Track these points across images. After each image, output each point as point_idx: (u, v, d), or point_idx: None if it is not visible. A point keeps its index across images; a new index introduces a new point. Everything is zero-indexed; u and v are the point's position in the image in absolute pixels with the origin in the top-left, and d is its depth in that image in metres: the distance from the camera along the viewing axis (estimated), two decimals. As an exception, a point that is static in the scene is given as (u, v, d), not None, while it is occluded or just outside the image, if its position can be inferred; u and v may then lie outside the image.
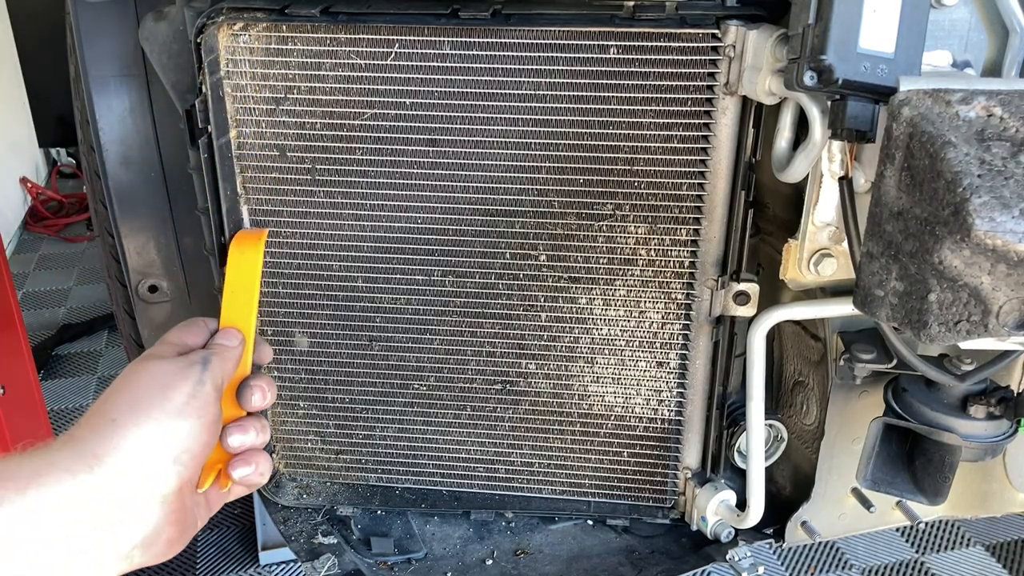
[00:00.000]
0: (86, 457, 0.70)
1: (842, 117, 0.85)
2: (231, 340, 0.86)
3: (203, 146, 1.12)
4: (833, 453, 1.23)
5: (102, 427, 0.72)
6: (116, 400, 0.75)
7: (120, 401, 0.75)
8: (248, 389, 0.88)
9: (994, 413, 1.06)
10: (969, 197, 0.70)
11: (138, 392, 0.76)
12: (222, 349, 0.84)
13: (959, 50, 1.02)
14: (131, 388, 0.76)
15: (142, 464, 0.72)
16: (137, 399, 0.75)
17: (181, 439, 0.75)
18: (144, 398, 0.75)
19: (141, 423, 0.73)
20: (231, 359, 0.85)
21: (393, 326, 1.23)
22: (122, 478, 0.70)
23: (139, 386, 0.76)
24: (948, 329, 0.76)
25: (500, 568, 1.30)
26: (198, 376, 0.78)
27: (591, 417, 1.27)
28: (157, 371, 0.78)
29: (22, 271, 3.45)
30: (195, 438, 0.76)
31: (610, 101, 1.06)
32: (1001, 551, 1.91)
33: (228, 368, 0.84)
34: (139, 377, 0.77)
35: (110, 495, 0.70)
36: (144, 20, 1.15)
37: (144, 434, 0.73)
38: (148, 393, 0.75)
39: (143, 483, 0.72)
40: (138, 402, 0.75)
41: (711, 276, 1.14)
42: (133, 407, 0.74)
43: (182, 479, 0.74)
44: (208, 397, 0.78)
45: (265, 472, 0.87)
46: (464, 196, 1.13)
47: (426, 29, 1.04)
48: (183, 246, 1.33)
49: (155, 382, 0.76)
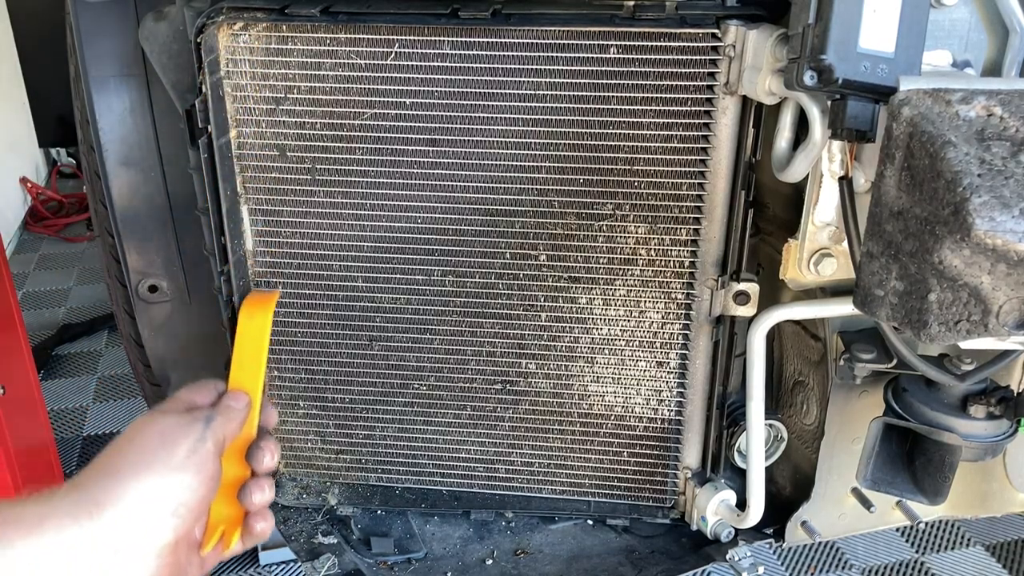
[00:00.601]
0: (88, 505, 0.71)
1: (842, 117, 0.85)
2: (237, 402, 0.89)
3: (203, 146, 1.12)
4: (833, 453, 1.23)
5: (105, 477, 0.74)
6: (120, 451, 0.77)
7: (124, 452, 0.77)
8: (259, 451, 0.90)
9: (994, 413, 1.06)
10: (969, 197, 0.70)
11: (142, 444, 0.78)
12: (227, 409, 0.87)
13: (959, 50, 1.02)
14: (135, 441, 0.78)
15: (141, 515, 0.74)
16: (140, 451, 0.77)
17: (180, 493, 0.76)
18: (147, 451, 0.77)
19: (142, 475, 0.75)
20: (235, 419, 0.87)
21: (393, 326, 1.23)
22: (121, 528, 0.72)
23: (143, 439, 0.78)
24: (948, 329, 0.76)
25: (500, 568, 1.30)
26: (200, 433, 0.80)
27: (591, 417, 1.27)
28: (161, 425, 0.80)
29: (22, 271, 3.45)
30: (193, 492, 0.77)
31: (610, 101, 1.06)
32: (1001, 551, 1.91)
33: (231, 427, 0.86)
34: (144, 430, 0.79)
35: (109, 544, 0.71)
36: (144, 20, 1.15)
37: (145, 486, 0.74)
38: (151, 446, 0.78)
39: (141, 534, 0.74)
40: (141, 454, 0.77)
41: (711, 276, 1.14)
42: (136, 459, 0.76)
43: (178, 533, 0.76)
44: (208, 453, 0.80)
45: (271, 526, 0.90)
46: (464, 196, 1.13)
47: (426, 29, 1.04)
48: (183, 246, 1.32)
49: (158, 436, 0.79)
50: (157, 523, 0.75)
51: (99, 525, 0.71)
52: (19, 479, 1.64)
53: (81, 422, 2.41)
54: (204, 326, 1.36)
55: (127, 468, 0.75)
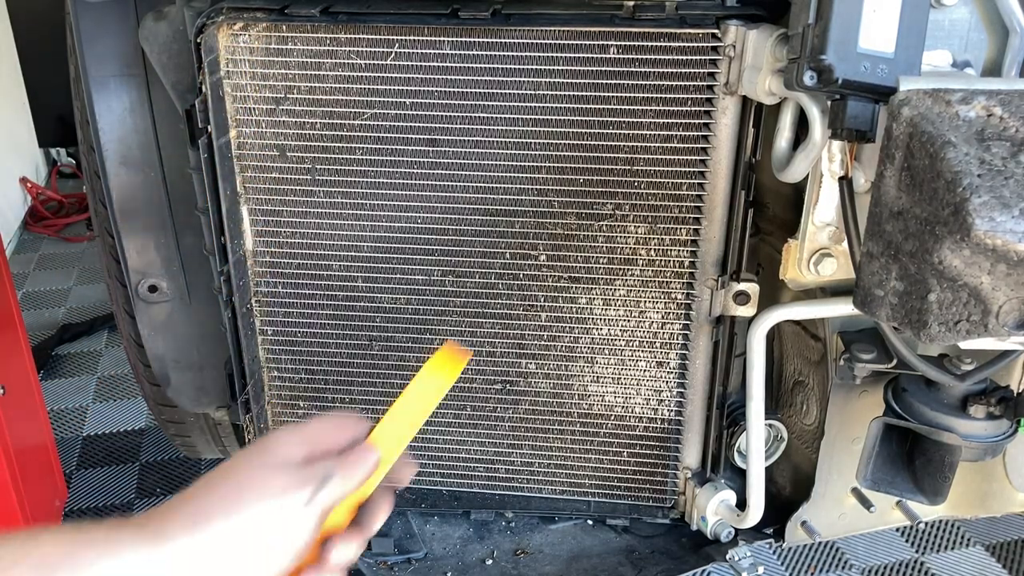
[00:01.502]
0: (159, 535, 0.67)
1: (842, 117, 0.85)
2: (366, 461, 0.79)
3: (203, 146, 1.12)
4: (833, 453, 1.23)
5: (193, 522, 0.69)
6: (214, 487, 0.71)
7: (217, 489, 0.71)
8: (370, 512, 0.82)
9: (994, 413, 1.06)
10: (969, 197, 0.70)
11: (238, 486, 0.71)
12: (351, 467, 0.77)
13: (959, 50, 1.02)
14: (232, 479, 0.72)
15: (210, 565, 0.69)
16: (234, 496, 0.71)
17: (261, 554, 0.71)
18: (241, 498, 0.71)
19: (224, 520, 0.69)
20: (356, 480, 0.77)
21: (393, 326, 1.23)
22: (186, 567, 0.67)
23: (242, 481, 0.72)
24: (948, 329, 0.76)
25: (500, 568, 1.30)
26: (307, 497, 0.73)
27: (591, 417, 1.27)
28: (269, 473, 0.73)
29: (22, 271, 3.44)
30: (275, 556, 0.72)
31: (610, 101, 1.06)
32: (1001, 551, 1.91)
33: (348, 489, 0.77)
34: (248, 471, 0.73)
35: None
36: (144, 20, 1.15)
37: (224, 539, 0.69)
38: (248, 493, 0.71)
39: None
40: (233, 501, 0.71)
41: (711, 276, 1.14)
42: (225, 502, 0.70)
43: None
44: (307, 525, 0.73)
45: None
46: (464, 196, 1.13)
47: (426, 29, 1.04)
48: (183, 246, 1.32)
49: (260, 485, 0.72)
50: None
51: (167, 555, 0.66)
52: (19, 479, 1.64)
53: (81, 422, 2.41)
54: (204, 326, 1.36)
55: (214, 509, 0.69)
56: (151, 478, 2.10)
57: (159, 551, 0.66)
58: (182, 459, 2.12)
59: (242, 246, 1.19)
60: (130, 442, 2.27)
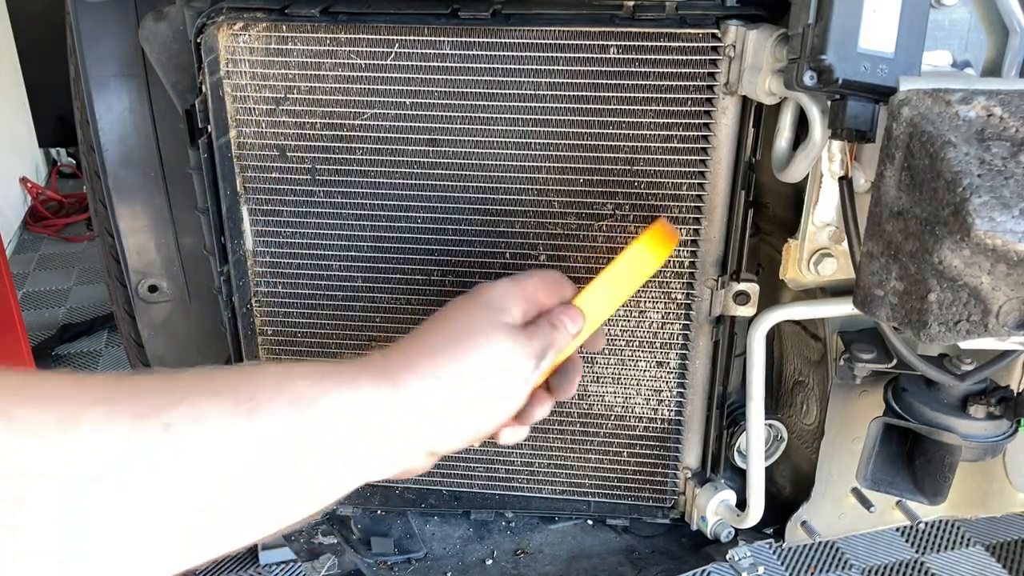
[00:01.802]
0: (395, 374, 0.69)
1: (842, 117, 0.85)
2: (573, 326, 0.80)
3: (203, 146, 1.12)
4: (833, 453, 1.23)
5: (425, 367, 0.70)
6: (444, 355, 0.72)
7: (451, 350, 0.72)
8: (565, 376, 0.83)
9: (994, 413, 1.06)
10: (969, 197, 0.70)
11: (468, 354, 0.73)
12: (561, 336, 0.79)
13: (959, 50, 1.02)
14: (468, 342, 0.73)
15: (434, 429, 0.71)
16: (465, 359, 0.72)
17: (480, 422, 0.74)
18: (473, 361, 0.72)
19: (458, 384, 0.71)
20: (563, 347, 0.80)
21: (393, 326, 1.23)
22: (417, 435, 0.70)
23: (474, 345, 0.73)
24: (948, 329, 0.76)
25: (500, 568, 1.30)
26: (529, 373, 0.75)
27: (591, 417, 1.27)
28: (500, 338, 0.74)
29: (22, 271, 3.44)
30: (492, 423, 0.75)
31: (610, 101, 1.06)
32: (1001, 551, 1.91)
33: (555, 357, 0.79)
34: (479, 336, 0.74)
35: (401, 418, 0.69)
36: (144, 20, 1.15)
37: (453, 395, 0.71)
38: (478, 360, 0.73)
39: (426, 436, 0.71)
40: (465, 362, 0.72)
41: (711, 276, 1.14)
42: (458, 362, 0.72)
43: (455, 448, 0.74)
44: (525, 392, 0.76)
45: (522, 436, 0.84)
46: (464, 196, 1.13)
47: (426, 29, 1.04)
48: (183, 246, 1.32)
49: (490, 354, 0.73)
50: (444, 436, 0.72)
51: (399, 396, 0.69)
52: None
53: (81, 422, 2.41)
54: (204, 326, 1.36)
55: (443, 359, 0.71)
56: (151, 478, 2.10)
57: (391, 391, 0.68)
58: (182, 459, 2.11)
59: (242, 246, 1.19)
60: (130, 442, 2.26)
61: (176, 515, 0.57)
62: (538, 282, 0.81)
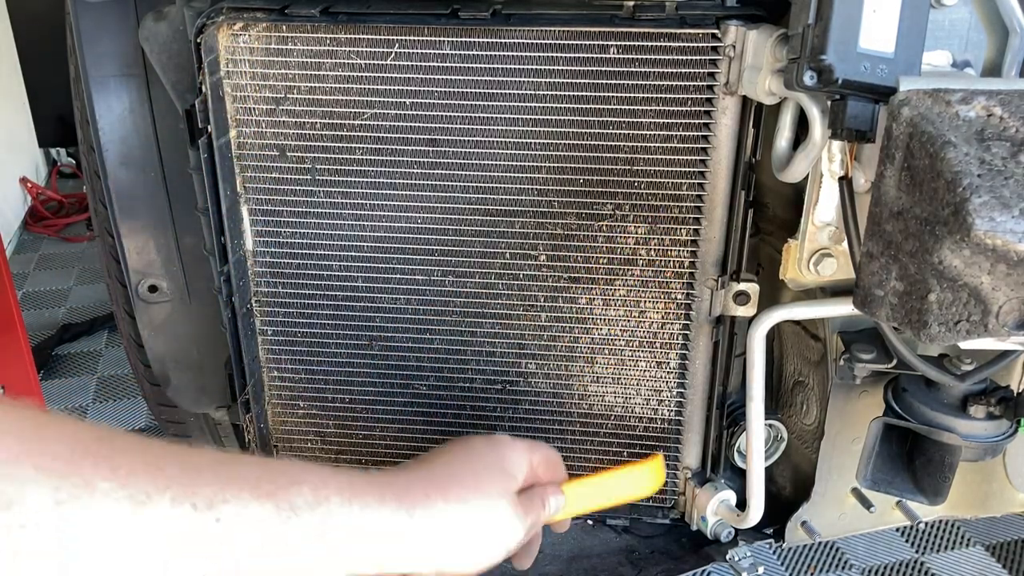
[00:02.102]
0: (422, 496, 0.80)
1: (842, 117, 0.85)
2: (555, 510, 0.93)
3: (203, 146, 1.12)
4: (833, 453, 1.23)
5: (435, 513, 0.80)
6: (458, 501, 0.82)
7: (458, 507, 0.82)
8: (528, 554, 0.98)
9: (994, 413, 1.06)
10: (969, 197, 0.70)
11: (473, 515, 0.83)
12: (546, 515, 0.92)
13: (959, 50, 1.02)
14: (474, 503, 0.83)
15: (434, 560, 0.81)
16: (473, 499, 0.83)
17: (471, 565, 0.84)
18: (479, 503, 0.83)
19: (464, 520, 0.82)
20: (544, 518, 0.93)
21: (393, 326, 1.23)
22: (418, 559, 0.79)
23: (482, 489, 0.84)
24: (948, 329, 0.76)
25: (500, 568, 1.30)
26: (535, 519, 0.88)
27: (591, 417, 1.27)
28: (501, 512, 0.85)
29: (22, 271, 3.45)
30: (476, 567, 0.85)
31: (610, 101, 1.06)
32: (1001, 551, 1.91)
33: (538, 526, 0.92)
34: (488, 482, 0.85)
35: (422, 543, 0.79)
36: (144, 20, 1.15)
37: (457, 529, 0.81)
38: (483, 503, 0.84)
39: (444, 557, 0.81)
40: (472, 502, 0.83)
41: (711, 276, 1.14)
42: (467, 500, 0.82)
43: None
44: (521, 537, 0.87)
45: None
46: (464, 196, 1.13)
47: (426, 29, 1.04)
48: (183, 246, 1.32)
49: (496, 498, 0.85)
50: (444, 564, 0.81)
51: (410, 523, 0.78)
52: (19, 479, 1.63)
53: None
54: (204, 326, 1.36)
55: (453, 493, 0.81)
56: (151, 478, 2.09)
57: (408, 518, 0.77)
58: (182, 459, 2.11)
59: (242, 246, 1.19)
60: (130, 442, 2.26)
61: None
62: (543, 459, 0.94)
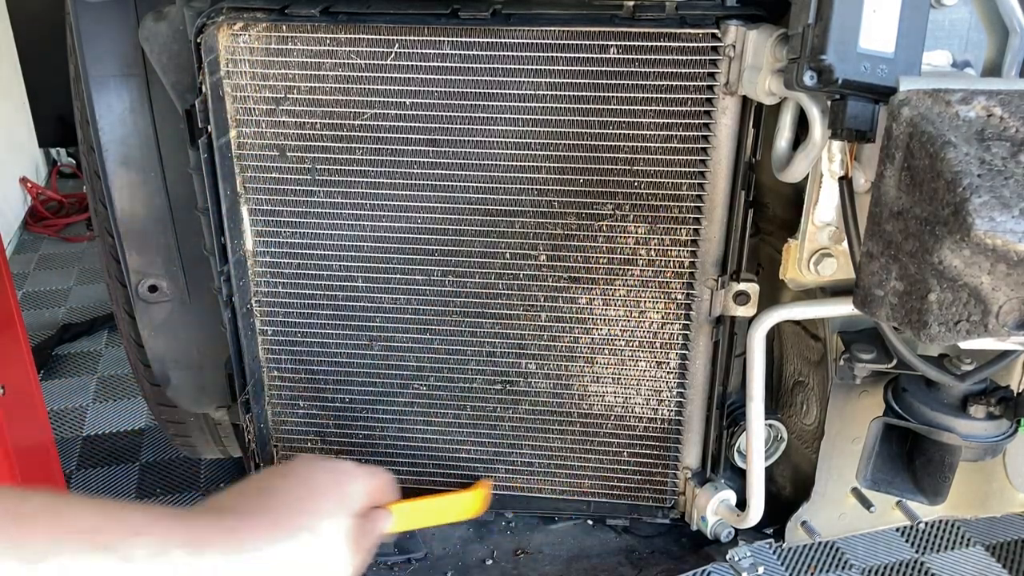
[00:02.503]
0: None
1: (842, 117, 0.85)
2: (383, 523, 0.96)
3: (203, 146, 1.12)
4: (833, 453, 1.23)
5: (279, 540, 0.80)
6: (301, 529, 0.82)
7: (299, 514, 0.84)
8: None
9: (994, 413, 1.06)
10: (969, 197, 0.70)
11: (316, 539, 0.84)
12: (378, 533, 0.95)
13: (959, 50, 1.02)
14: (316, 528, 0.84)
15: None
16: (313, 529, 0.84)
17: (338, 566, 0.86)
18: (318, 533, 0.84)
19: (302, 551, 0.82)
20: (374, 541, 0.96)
21: (393, 326, 1.23)
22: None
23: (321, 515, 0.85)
24: (948, 329, 0.76)
25: (500, 568, 1.30)
26: (355, 561, 0.89)
27: (591, 417, 1.27)
28: (341, 535, 0.87)
29: (22, 271, 3.44)
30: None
31: (610, 101, 1.06)
32: (1001, 551, 1.91)
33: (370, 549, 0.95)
34: (327, 509, 0.86)
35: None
36: (144, 20, 1.15)
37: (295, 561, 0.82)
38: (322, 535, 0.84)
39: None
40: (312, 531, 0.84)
41: (711, 276, 1.14)
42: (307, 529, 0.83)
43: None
44: (367, 556, 0.90)
45: None
46: (464, 196, 1.13)
47: (426, 29, 1.04)
48: (183, 246, 1.32)
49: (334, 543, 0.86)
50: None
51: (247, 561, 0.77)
52: (19, 479, 1.64)
53: (81, 422, 2.41)
54: (204, 326, 1.36)
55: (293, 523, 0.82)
56: (151, 478, 2.10)
57: (248, 559, 0.76)
58: (182, 459, 2.11)
59: (242, 246, 1.19)
60: (130, 442, 2.26)
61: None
62: (380, 485, 0.96)
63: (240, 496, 0.85)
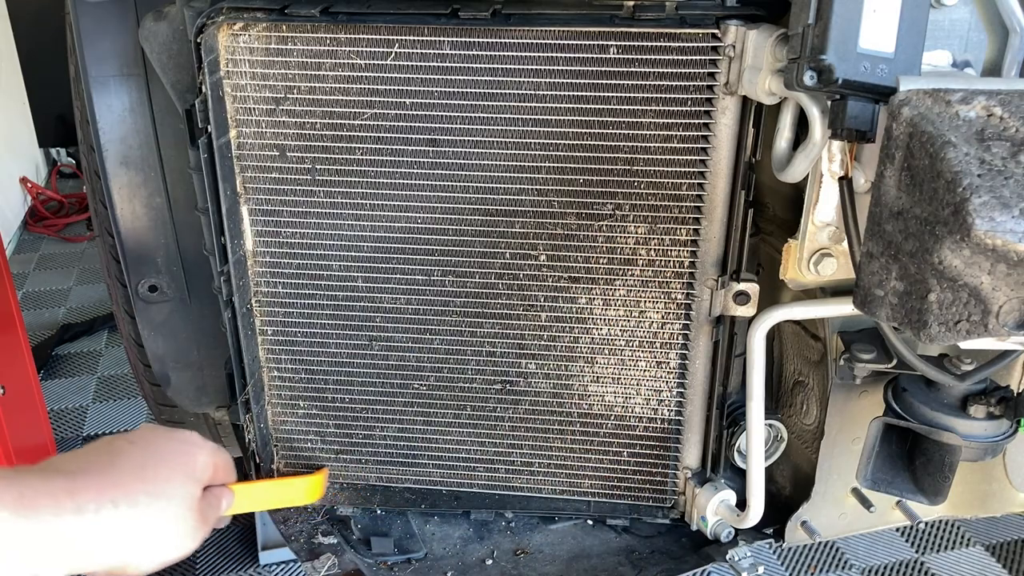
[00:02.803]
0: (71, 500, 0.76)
1: (842, 117, 0.85)
2: (226, 505, 0.96)
3: (203, 146, 1.12)
4: (833, 453, 1.23)
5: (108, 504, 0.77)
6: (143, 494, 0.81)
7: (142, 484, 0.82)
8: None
9: (994, 413, 1.06)
10: (969, 197, 0.70)
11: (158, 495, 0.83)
12: (222, 511, 0.95)
13: (959, 50, 1.02)
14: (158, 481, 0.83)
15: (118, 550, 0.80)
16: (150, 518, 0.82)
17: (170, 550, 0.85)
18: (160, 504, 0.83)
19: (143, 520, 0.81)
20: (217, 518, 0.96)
21: (393, 326, 1.23)
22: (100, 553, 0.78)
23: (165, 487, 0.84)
24: (948, 329, 0.76)
25: (500, 568, 1.30)
26: (197, 535, 0.88)
27: (591, 417, 1.27)
28: (187, 509, 0.85)
29: (22, 271, 3.45)
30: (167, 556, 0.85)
31: (610, 101, 1.06)
32: (1001, 551, 1.91)
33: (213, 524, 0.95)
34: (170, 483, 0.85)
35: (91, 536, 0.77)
36: (144, 20, 1.15)
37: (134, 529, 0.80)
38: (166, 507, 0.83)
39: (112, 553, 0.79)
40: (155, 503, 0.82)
41: (711, 276, 1.14)
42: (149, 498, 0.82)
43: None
44: (205, 532, 0.89)
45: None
46: (464, 196, 1.13)
47: (426, 29, 1.04)
48: (183, 246, 1.33)
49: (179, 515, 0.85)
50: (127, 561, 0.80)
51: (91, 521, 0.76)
52: (19, 479, 1.63)
53: (81, 422, 2.42)
54: (204, 326, 1.36)
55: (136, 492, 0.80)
56: (151, 478, 2.10)
57: (81, 522, 0.74)
58: (182, 459, 2.11)
59: (242, 246, 1.19)
60: (130, 442, 2.26)
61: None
62: (224, 461, 0.96)
63: (83, 457, 0.82)
